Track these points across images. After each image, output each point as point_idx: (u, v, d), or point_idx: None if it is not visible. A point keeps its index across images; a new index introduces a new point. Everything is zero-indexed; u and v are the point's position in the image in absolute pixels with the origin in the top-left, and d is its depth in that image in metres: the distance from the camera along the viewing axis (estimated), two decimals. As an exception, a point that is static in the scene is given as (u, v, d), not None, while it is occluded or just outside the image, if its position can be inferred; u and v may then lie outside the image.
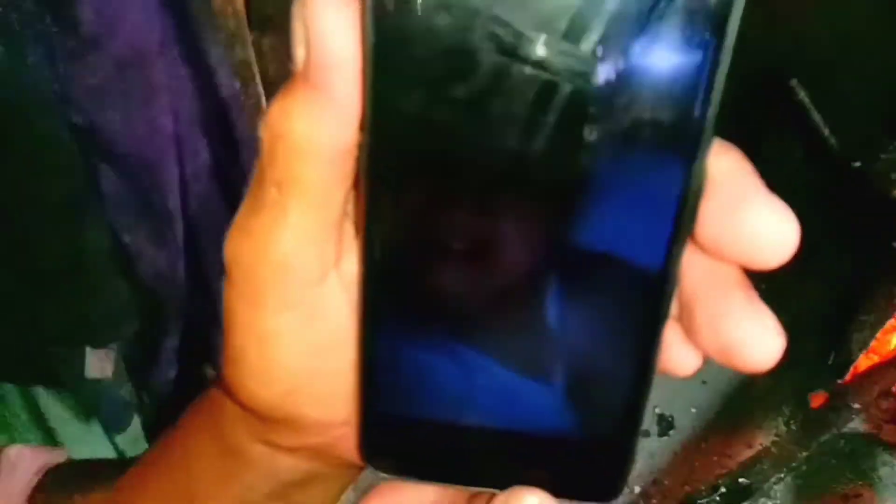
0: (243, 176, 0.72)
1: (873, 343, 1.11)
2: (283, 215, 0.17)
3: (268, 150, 0.16)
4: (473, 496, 0.20)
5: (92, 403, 0.78)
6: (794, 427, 1.08)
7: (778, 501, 1.08)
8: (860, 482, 1.10)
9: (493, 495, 0.18)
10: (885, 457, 1.12)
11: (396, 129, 0.15)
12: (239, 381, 0.19)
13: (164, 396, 0.77)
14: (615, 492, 0.18)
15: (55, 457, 0.39)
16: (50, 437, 0.78)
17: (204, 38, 0.67)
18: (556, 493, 0.18)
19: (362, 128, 0.15)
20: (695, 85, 0.14)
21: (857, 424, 1.13)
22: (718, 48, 0.14)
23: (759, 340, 0.16)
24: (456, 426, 0.18)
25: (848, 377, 1.12)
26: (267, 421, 0.20)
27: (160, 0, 0.65)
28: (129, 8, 0.62)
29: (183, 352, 0.79)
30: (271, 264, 0.17)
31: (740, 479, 1.02)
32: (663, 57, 0.14)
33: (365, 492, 0.20)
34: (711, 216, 0.16)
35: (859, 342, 1.09)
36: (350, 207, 0.17)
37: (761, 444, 1.07)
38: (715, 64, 0.14)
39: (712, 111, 0.14)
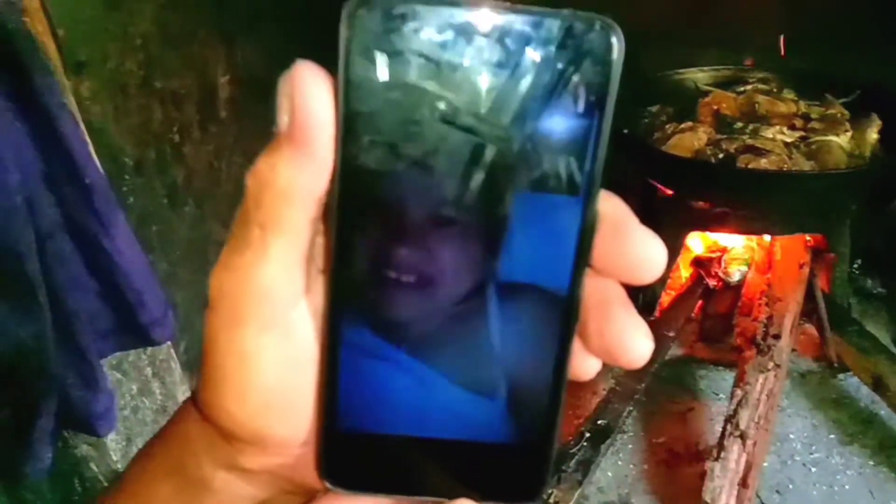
0: (99, 222, 0.69)
1: (669, 281, 1.33)
2: (265, 251, 0.19)
3: (254, 197, 0.19)
4: None
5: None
6: (626, 367, 1.29)
7: (631, 433, 1.25)
8: (689, 398, 1.29)
9: None
10: (701, 371, 1.34)
11: (360, 180, 0.18)
12: (217, 400, 0.20)
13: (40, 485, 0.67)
14: (540, 491, 0.20)
15: None
16: None
17: (40, 86, 0.65)
18: (490, 498, 0.20)
19: (333, 178, 0.18)
20: (587, 149, 0.18)
21: (674, 350, 1.33)
22: (601, 125, 0.18)
23: (635, 344, 0.19)
24: (404, 441, 0.20)
25: (658, 313, 1.31)
26: (235, 442, 0.21)
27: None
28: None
29: (57, 430, 0.69)
30: (254, 293, 0.19)
31: (598, 422, 1.14)
32: (565, 130, 0.18)
33: None
34: (603, 245, 0.19)
35: (659, 282, 1.26)
36: (317, 243, 0.20)
37: (604, 389, 1.22)
38: (599, 135, 0.18)
39: (600, 166, 0.18)
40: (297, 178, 0.18)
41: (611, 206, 0.20)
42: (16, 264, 0.64)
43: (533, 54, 0.18)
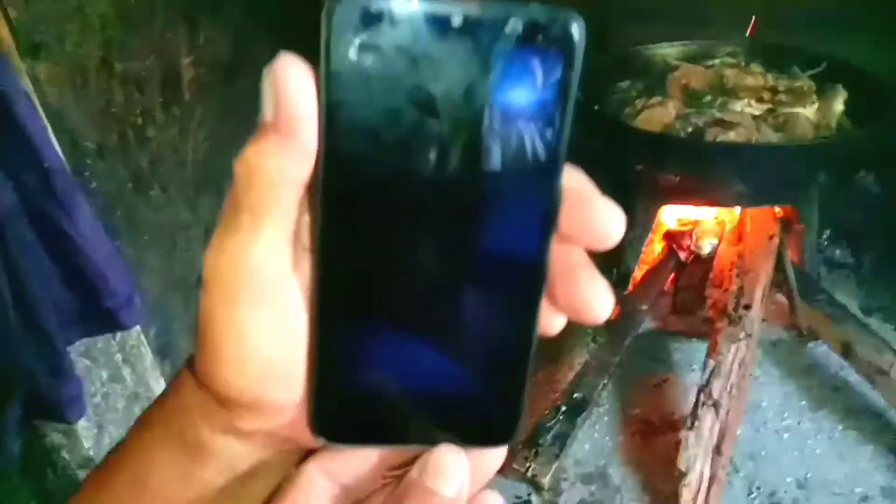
0: (60, 207, 0.68)
1: (642, 255, 1.34)
2: (255, 234, 0.20)
3: (243, 183, 0.20)
4: (402, 455, 0.23)
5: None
6: (600, 340, 1.26)
7: (606, 405, 1.26)
8: (663, 370, 1.30)
9: (420, 452, 0.23)
10: (675, 343, 1.36)
11: (342, 164, 0.19)
12: (216, 371, 0.21)
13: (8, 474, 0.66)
14: (514, 435, 0.23)
15: None
16: None
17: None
18: (470, 442, 0.22)
19: (317, 163, 0.19)
20: (553, 130, 0.19)
21: (648, 324, 1.35)
22: (565, 107, 0.19)
23: (599, 302, 0.21)
24: (387, 396, 0.22)
25: (631, 287, 1.33)
26: (234, 408, 0.22)
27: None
28: None
29: (25, 420, 0.69)
30: (246, 273, 0.20)
31: (574, 395, 1.16)
32: (532, 113, 0.19)
33: None
34: (568, 215, 0.21)
35: (632, 256, 1.32)
36: (303, 222, 0.21)
37: (579, 363, 1.24)
38: (564, 116, 0.19)
39: (565, 145, 0.20)
40: (283, 165, 0.19)
41: (574, 180, 0.21)
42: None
43: (501, 44, 0.19)
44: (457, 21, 0.19)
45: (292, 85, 0.19)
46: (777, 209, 1.34)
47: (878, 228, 1.48)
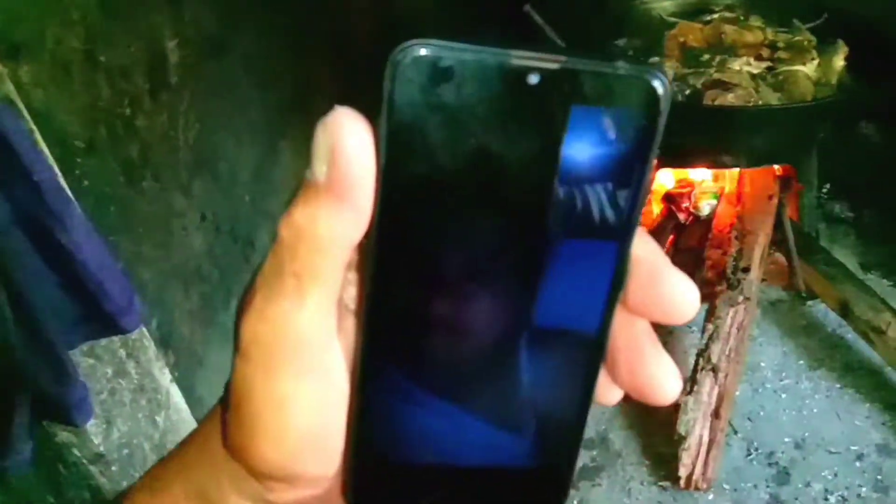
0: (53, 217, 0.68)
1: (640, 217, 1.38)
2: (302, 300, 0.19)
3: (289, 247, 0.18)
4: None
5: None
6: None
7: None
8: (662, 332, 1.24)
9: None
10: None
11: (398, 226, 0.18)
12: (252, 444, 0.20)
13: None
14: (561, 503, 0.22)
15: None
16: None
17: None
18: None
19: (371, 224, 0.18)
20: (627, 197, 0.18)
21: None
22: (643, 174, 0.18)
23: (665, 383, 0.20)
24: (430, 466, 0.21)
25: None
26: (268, 480, 0.21)
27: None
28: None
29: (33, 424, 0.70)
30: (291, 341, 0.19)
31: None
32: (607, 178, 0.18)
33: None
34: (636, 288, 0.19)
35: None
36: (348, 281, 0.20)
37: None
38: (641, 184, 0.18)
39: (638, 213, 0.18)
40: (336, 228, 0.18)
41: (645, 249, 0.20)
42: (-31, 266, 0.63)
43: (577, 103, 0.17)
44: (533, 78, 0.17)
45: (350, 143, 0.17)
46: (776, 168, 1.33)
47: (879, 182, 1.47)
